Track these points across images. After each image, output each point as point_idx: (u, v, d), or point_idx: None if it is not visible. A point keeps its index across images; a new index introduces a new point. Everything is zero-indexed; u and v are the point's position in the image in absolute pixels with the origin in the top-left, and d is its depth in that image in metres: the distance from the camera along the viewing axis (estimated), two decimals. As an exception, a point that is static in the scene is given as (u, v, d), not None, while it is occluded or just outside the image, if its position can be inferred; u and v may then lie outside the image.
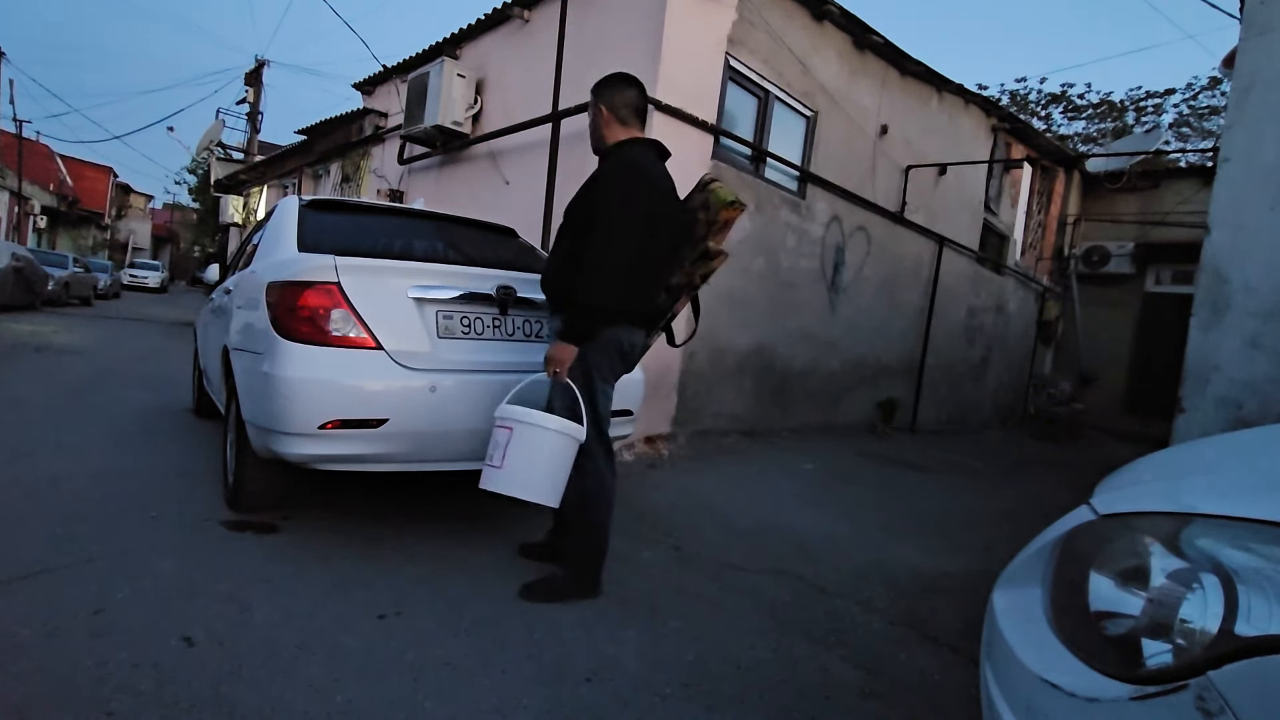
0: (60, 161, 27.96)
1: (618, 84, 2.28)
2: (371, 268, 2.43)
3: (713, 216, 2.23)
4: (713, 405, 5.16)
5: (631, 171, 2.13)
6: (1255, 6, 2.76)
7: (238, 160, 15.78)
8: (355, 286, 2.32)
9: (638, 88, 2.31)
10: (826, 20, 5.50)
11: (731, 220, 2.26)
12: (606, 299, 2.04)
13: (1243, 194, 2.72)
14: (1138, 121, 15.84)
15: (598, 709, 1.63)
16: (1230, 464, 1.19)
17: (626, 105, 2.27)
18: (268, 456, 2.38)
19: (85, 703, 1.45)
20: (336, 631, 1.85)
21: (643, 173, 2.14)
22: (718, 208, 2.23)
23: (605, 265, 2.02)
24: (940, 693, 1.90)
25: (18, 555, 2.10)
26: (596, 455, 2.20)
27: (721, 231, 2.26)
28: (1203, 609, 0.81)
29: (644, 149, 2.25)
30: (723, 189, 2.27)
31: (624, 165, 2.15)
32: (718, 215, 2.23)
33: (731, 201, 2.23)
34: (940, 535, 3.47)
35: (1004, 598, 1.14)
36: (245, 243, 4.08)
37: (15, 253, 10.66)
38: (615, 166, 2.16)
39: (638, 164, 2.16)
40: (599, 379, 2.18)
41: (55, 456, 3.22)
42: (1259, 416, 2.55)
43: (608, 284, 2.03)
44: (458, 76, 6.18)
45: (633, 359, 2.30)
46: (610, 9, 4.87)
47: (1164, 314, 9.36)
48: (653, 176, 2.18)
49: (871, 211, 6.33)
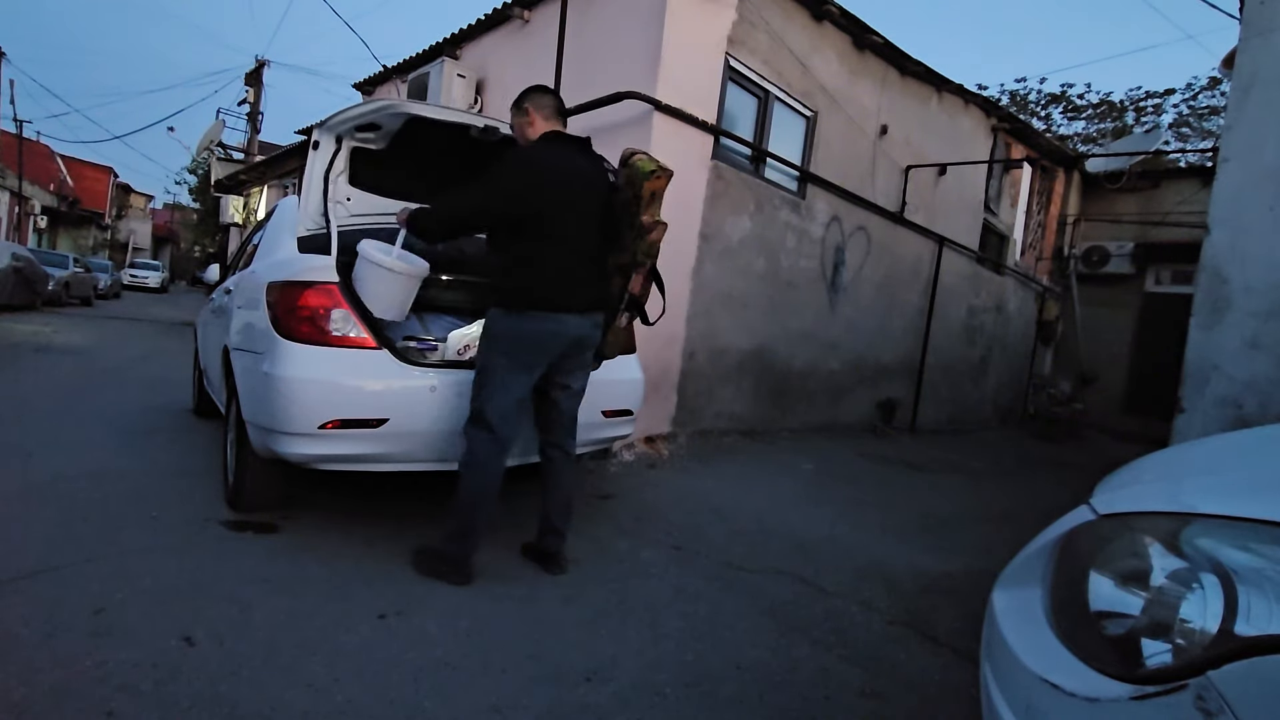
0: (60, 161, 27.95)
1: (538, 91, 2.41)
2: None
3: (638, 191, 2.27)
4: (713, 405, 5.16)
5: (519, 162, 2.24)
6: (1255, 6, 2.76)
7: (238, 160, 15.77)
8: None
9: (555, 96, 2.44)
10: (826, 20, 5.50)
11: (658, 190, 2.29)
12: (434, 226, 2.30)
13: (1243, 194, 2.72)
14: (1138, 121, 15.83)
15: (598, 709, 1.63)
16: (1230, 464, 1.19)
17: (548, 107, 2.37)
18: (268, 456, 2.38)
19: (85, 703, 1.45)
20: (336, 631, 1.85)
21: (533, 162, 2.23)
22: (640, 181, 2.27)
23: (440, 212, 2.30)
24: (940, 693, 1.90)
25: (18, 555, 2.10)
26: (475, 434, 2.22)
27: (651, 205, 2.29)
28: (1202, 609, 0.81)
29: (560, 143, 2.31)
30: (643, 161, 2.30)
31: (515, 156, 2.26)
32: (642, 188, 2.26)
33: (651, 172, 2.26)
34: (940, 535, 3.47)
35: (1004, 598, 1.14)
36: (245, 243, 4.08)
37: (15, 253, 10.66)
38: (510, 156, 2.26)
39: (534, 157, 2.25)
40: (496, 362, 2.22)
41: (55, 456, 3.22)
42: (1259, 416, 2.55)
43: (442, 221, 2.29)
44: (458, 76, 6.19)
45: (553, 348, 2.24)
46: (610, 9, 4.87)
47: (1164, 314, 9.35)
48: (552, 168, 2.23)
49: (871, 211, 6.32)
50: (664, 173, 2.28)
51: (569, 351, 2.30)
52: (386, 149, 2.80)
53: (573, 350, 2.31)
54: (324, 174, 2.73)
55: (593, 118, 4.64)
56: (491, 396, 2.21)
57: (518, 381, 2.22)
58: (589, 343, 2.37)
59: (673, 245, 4.60)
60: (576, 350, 2.33)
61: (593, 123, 4.67)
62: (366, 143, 2.76)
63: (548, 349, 2.24)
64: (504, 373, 2.21)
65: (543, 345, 2.22)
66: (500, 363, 2.22)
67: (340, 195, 2.90)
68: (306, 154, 2.72)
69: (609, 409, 2.84)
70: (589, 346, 2.38)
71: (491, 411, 2.20)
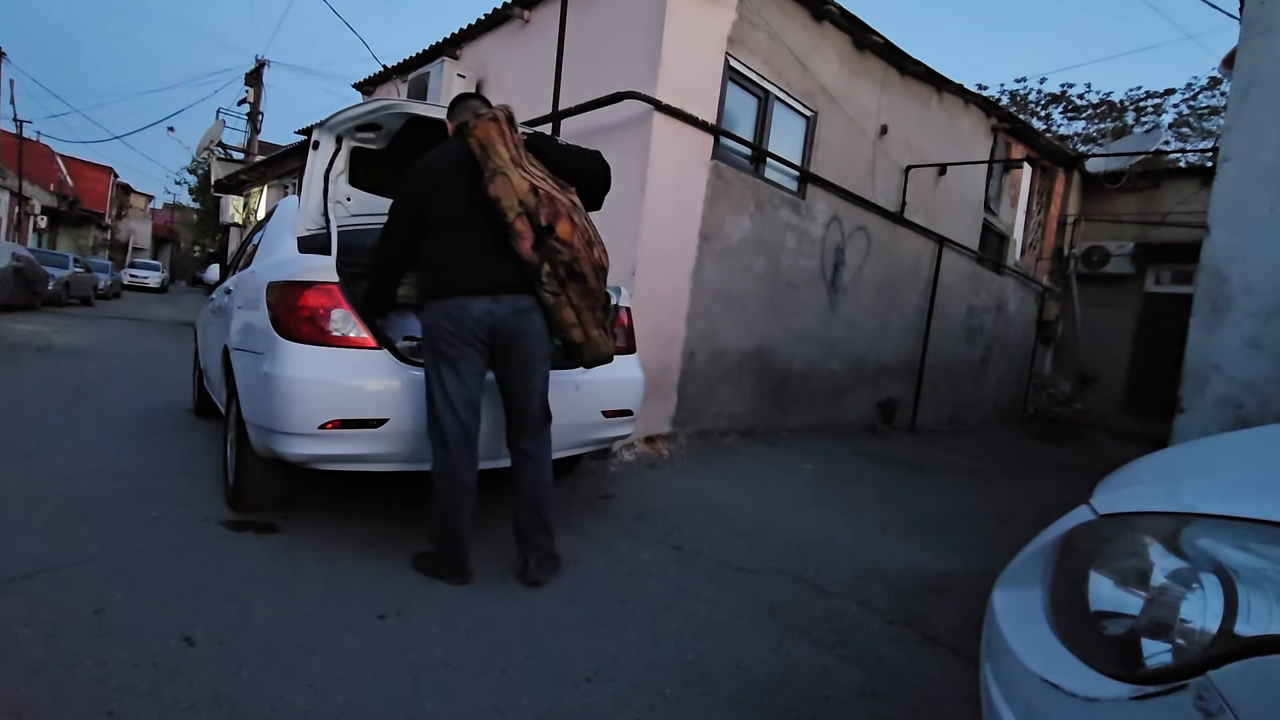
0: (60, 161, 27.96)
1: (454, 102, 2.47)
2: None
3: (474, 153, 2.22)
4: (713, 405, 5.16)
5: (407, 173, 2.33)
6: (1255, 7, 2.76)
7: (238, 160, 15.77)
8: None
9: (460, 100, 2.47)
10: (826, 20, 5.50)
11: (485, 139, 2.18)
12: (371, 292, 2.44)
13: (1243, 194, 2.72)
14: (1138, 121, 15.84)
15: (598, 709, 1.63)
16: (1230, 464, 1.19)
17: (456, 116, 2.42)
18: (268, 456, 2.38)
19: (85, 703, 1.45)
20: (336, 631, 1.85)
21: (417, 167, 2.30)
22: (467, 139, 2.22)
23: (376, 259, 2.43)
24: (940, 693, 1.90)
25: (18, 555, 2.10)
26: (434, 439, 2.24)
27: (488, 160, 2.17)
28: (1202, 609, 0.81)
29: (446, 140, 2.39)
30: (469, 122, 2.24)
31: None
32: (469, 142, 2.22)
33: (472, 126, 2.21)
34: (940, 535, 3.47)
35: (1004, 598, 1.14)
36: (245, 243, 4.08)
37: (15, 253, 10.66)
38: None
39: (419, 162, 2.32)
40: (427, 361, 2.25)
41: (56, 456, 3.22)
42: (1259, 416, 2.55)
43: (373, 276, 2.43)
44: (458, 76, 6.20)
45: (466, 334, 2.17)
46: (610, 9, 4.87)
47: (1164, 314, 9.36)
48: (431, 164, 2.28)
49: (871, 211, 6.32)
50: (483, 120, 2.20)
51: (497, 342, 2.22)
52: (386, 149, 2.80)
53: (502, 341, 2.22)
54: (324, 174, 2.73)
55: (592, 118, 4.64)
56: (431, 396, 2.23)
57: (449, 378, 2.20)
58: (519, 331, 2.22)
59: (673, 245, 4.63)
60: (507, 341, 2.22)
61: (592, 123, 4.67)
62: (366, 143, 2.76)
63: (461, 336, 2.17)
64: (434, 370, 2.22)
65: (454, 333, 2.17)
66: (429, 360, 2.24)
67: (340, 195, 2.90)
68: (306, 154, 2.72)
69: (609, 409, 2.84)
70: (521, 336, 2.23)
71: (433, 411, 2.23)
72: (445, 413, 2.20)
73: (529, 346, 2.25)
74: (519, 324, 2.23)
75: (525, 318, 2.23)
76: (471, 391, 2.23)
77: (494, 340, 2.23)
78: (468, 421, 2.23)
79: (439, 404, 2.21)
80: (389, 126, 2.67)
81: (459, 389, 2.21)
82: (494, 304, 2.19)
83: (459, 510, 2.23)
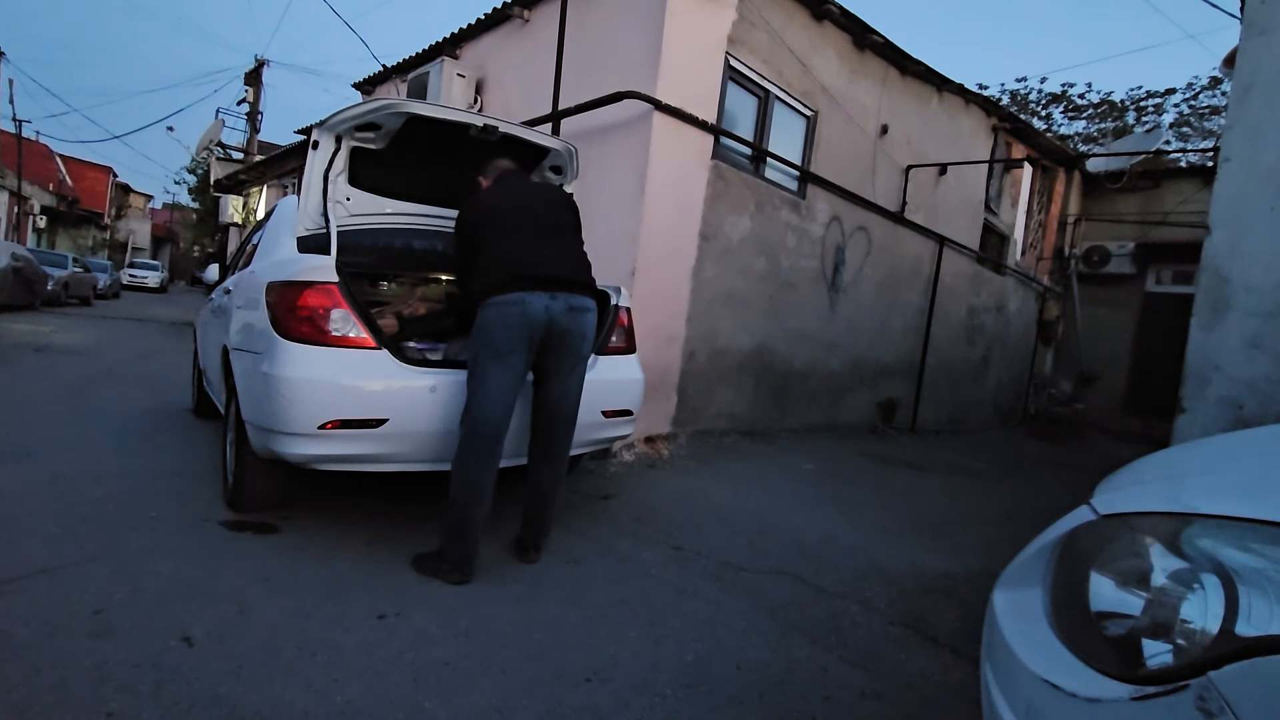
0: (60, 161, 27.94)
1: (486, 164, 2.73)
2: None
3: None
4: (713, 405, 5.16)
5: (464, 206, 2.60)
6: (1255, 6, 2.76)
7: (237, 160, 15.78)
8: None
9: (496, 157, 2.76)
10: (826, 20, 5.50)
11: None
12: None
13: (1243, 194, 2.71)
14: (1138, 121, 15.82)
15: (598, 709, 1.63)
16: (1230, 464, 1.19)
17: (490, 172, 2.69)
18: (268, 456, 2.38)
19: (85, 703, 1.45)
20: (336, 631, 1.85)
21: (474, 198, 2.59)
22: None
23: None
24: (940, 693, 1.90)
25: (18, 555, 2.10)
26: (461, 431, 2.27)
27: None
28: (1203, 609, 0.81)
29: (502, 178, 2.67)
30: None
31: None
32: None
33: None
34: (940, 535, 3.47)
35: (1004, 598, 1.14)
36: (245, 243, 4.08)
37: (15, 252, 10.65)
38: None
39: (475, 197, 2.62)
40: (475, 355, 2.27)
41: (55, 456, 3.22)
42: (1259, 416, 2.54)
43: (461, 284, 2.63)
44: (457, 76, 6.18)
45: (522, 330, 2.24)
46: (610, 9, 4.87)
47: (1164, 314, 9.35)
48: (490, 193, 2.57)
49: (872, 211, 6.32)
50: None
51: (548, 341, 2.29)
52: (386, 149, 2.80)
53: (552, 340, 2.30)
54: (323, 174, 2.73)
55: (592, 117, 4.64)
56: (474, 391, 2.25)
57: (496, 373, 2.22)
58: (573, 331, 2.32)
59: (673, 245, 4.63)
60: (558, 340, 2.31)
61: (592, 123, 4.67)
62: (366, 142, 2.76)
63: (517, 332, 2.22)
64: (482, 365, 2.24)
65: (511, 328, 2.22)
66: (478, 355, 2.25)
67: (340, 195, 2.90)
68: (306, 154, 2.72)
69: (609, 409, 2.83)
70: (572, 336, 2.33)
71: (474, 406, 2.24)
72: (484, 407, 2.23)
73: (576, 344, 2.35)
74: (574, 325, 2.32)
75: (576, 318, 2.33)
76: (512, 389, 2.28)
77: (546, 338, 2.29)
78: (502, 419, 2.27)
79: (479, 398, 2.23)
80: (388, 126, 2.67)
81: (503, 384, 2.24)
82: (551, 300, 2.27)
83: (476, 506, 2.24)
